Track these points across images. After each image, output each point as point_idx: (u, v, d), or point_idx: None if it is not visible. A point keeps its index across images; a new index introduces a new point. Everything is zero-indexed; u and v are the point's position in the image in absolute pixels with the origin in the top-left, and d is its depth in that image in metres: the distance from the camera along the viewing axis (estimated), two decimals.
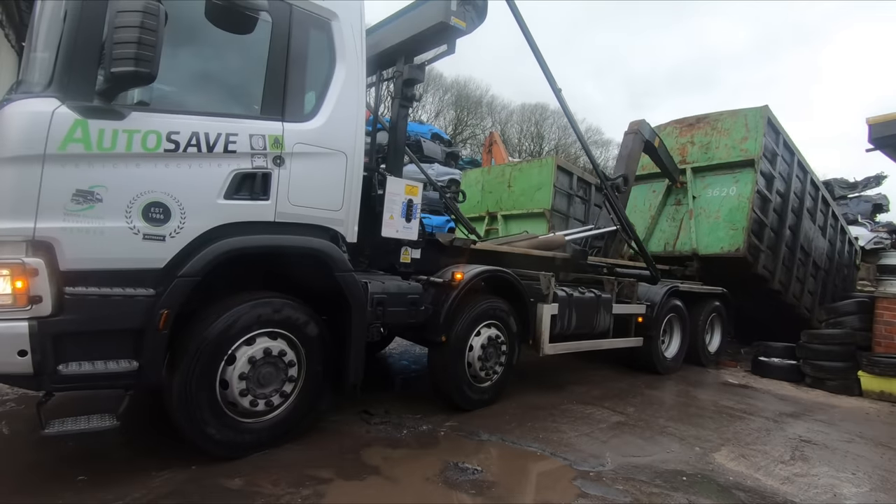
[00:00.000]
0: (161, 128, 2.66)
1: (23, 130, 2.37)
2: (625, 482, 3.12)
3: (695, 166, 7.58)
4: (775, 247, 7.52)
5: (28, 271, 2.33)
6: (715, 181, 7.43)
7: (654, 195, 8.01)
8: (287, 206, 3.08)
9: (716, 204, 7.33)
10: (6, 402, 3.74)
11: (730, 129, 7.32)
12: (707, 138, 7.54)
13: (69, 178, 2.43)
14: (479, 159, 18.42)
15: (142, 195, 2.60)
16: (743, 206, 7.01)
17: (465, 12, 4.08)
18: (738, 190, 7.11)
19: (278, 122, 3.08)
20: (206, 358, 2.81)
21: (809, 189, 8.22)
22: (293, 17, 3.17)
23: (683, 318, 6.70)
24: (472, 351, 4.17)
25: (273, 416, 3.11)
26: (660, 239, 7.87)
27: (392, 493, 2.81)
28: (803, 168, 8.12)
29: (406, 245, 4.15)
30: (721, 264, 7.22)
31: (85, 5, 2.49)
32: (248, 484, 2.70)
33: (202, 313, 2.89)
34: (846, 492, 3.33)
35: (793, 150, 7.82)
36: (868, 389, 6.18)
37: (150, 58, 2.34)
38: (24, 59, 2.88)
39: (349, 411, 3.91)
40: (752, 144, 7.05)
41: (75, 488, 2.54)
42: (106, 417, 2.58)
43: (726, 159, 7.26)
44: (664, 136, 7.79)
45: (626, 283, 5.95)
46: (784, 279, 7.71)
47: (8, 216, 2.35)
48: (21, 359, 2.31)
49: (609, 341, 5.60)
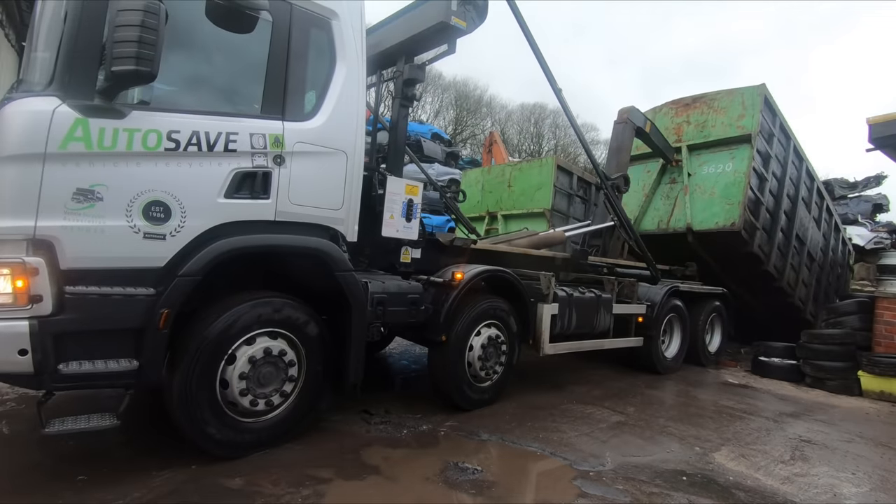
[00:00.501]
0: (162, 127, 2.66)
1: (24, 129, 2.37)
2: (625, 482, 3.12)
3: (690, 144, 7.47)
4: (771, 229, 7.42)
5: (29, 270, 2.32)
6: (711, 158, 7.31)
7: (649, 175, 7.89)
8: (288, 205, 3.08)
9: (711, 180, 7.19)
10: (6, 401, 3.73)
11: (726, 108, 7.21)
12: (703, 117, 7.42)
13: (70, 176, 2.43)
14: (479, 159, 18.40)
15: (142, 194, 2.60)
16: (739, 181, 6.87)
17: (465, 12, 4.08)
18: (735, 166, 6.98)
19: (279, 121, 3.08)
20: (207, 357, 2.81)
21: (805, 178, 8.14)
22: (293, 17, 3.17)
23: (684, 317, 6.71)
24: (473, 351, 4.17)
25: (273, 416, 3.10)
26: (653, 217, 7.71)
27: (392, 492, 2.81)
28: (799, 155, 8.03)
29: (406, 245, 4.15)
30: (716, 240, 7.09)
31: (85, 5, 2.49)
32: (248, 484, 2.70)
33: (202, 313, 2.89)
34: (846, 492, 3.33)
35: (789, 134, 7.74)
36: (868, 389, 6.17)
37: (151, 56, 2.34)
38: (24, 58, 2.88)
39: (349, 411, 3.90)
40: (749, 122, 6.94)
41: (75, 488, 2.54)
42: (106, 416, 2.58)
43: (723, 136, 7.15)
44: (660, 118, 7.74)
45: (626, 283, 5.95)
46: (779, 264, 7.61)
47: (8, 215, 2.35)
48: (21, 358, 2.30)
49: (609, 341, 5.60)
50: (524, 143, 38.48)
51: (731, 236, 6.85)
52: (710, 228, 7.01)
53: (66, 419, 2.51)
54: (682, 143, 7.53)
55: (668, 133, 7.54)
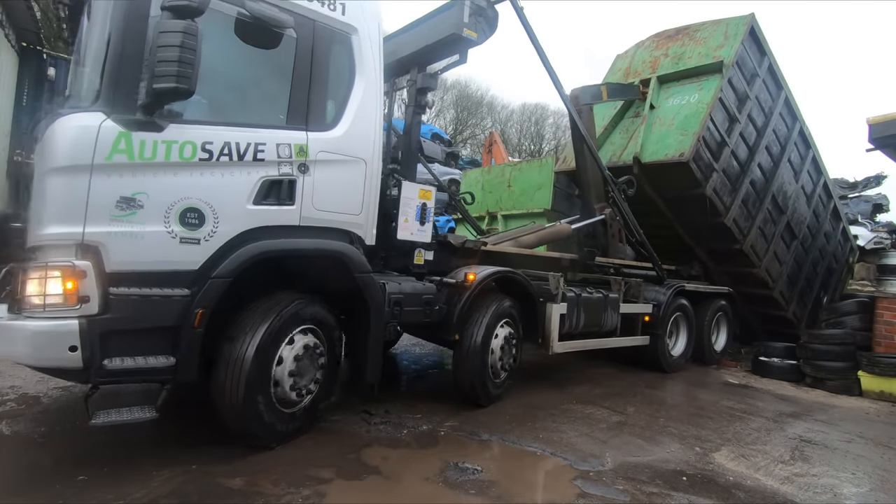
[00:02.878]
0: (196, 138, 2.85)
1: (73, 142, 2.57)
2: (625, 482, 3.12)
3: (661, 75, 6.89)
4: (737, 178, 6.74)
5: (77, 273, 2.51)
6: (679, 91, 6.68)
7: (614, 109, 7.34)
8: (311, 210, 3.26)
9: (673, 112, 6.54)
10: (6, 401, 3.68)
11: (707, 38, 6.60)
12: (682, 49, 6.84)
13: (114, 186, 2.62)
14: (479, 159, 18.46)
15: (179, 201, 2.79)
16: (700, 111, 6.18)
17: (476, 24, 4.25)
18: (700, 97, 6.34)
19: (303, 131, 3.26)
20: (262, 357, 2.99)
21: (797, 140, 7.41)
22: (316, 33, 3.35)
23: (690, 317, 6.82)
24: (494, 349, 4.33)
25: (303, 405, 3.30)
26: (607, 151, 7.03)
27: (392, 493, 2.82)
28: (791, 110, 7.32)
29: (420, 247, 4.32)
30: (665, 176, 6.38)
31: (128, 27, 2.68)
32: (248, 484, 2.70)
33: (244, 317, 3.07)
34: (846, 492, 3.34)
35: (780, 81, 7.02)
36: (868, 389, 6.21)
37: (190, 74, 2.52)
38: (70, 75, 3.09)
39: (349, 411, 3.90)
40: (727, 52, 6.29)
41: (75, 488, 2.53)
42: (146, 409, 2.74)
43: (695, 65, 6.53)
44: (640, 52, 7.34)
45: (632, 283, 6.08)
46: (742, 221, 6.87)
47: (59, 222, 2.55)
48: (72, 354, 2.49)
49: (616, 340, 5.76)
50: (524, 143, 38.46)
51: (680, 172, 6.09)
52: (659, 160, 6.32)
53: (110, 411, 2.69)
54: (653, 74, 6.99)
55: (644, 66, 7.08)
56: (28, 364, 2.68)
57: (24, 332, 2.50)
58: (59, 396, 3.74)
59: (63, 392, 3.82)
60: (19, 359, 2.61)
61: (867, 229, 9.91)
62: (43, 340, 2.48)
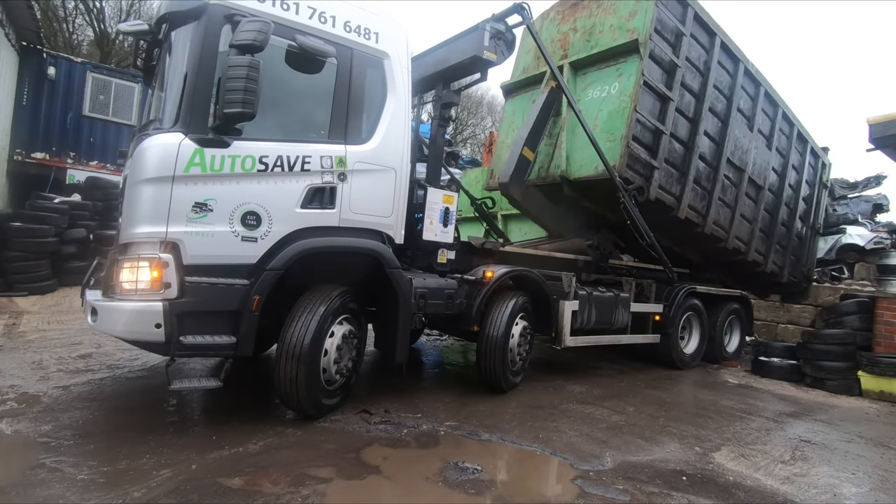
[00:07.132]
0: (255, 152, 3.38)
1: (158, 158, 3.14)
2: (625, 482, 3.12)
3: (573, 60, 5.77)
4: (682, 162, 5.91)
5: (162, 264, 3.07)
6: (598, 78, 5.62)
7: (535, 106, 5.94)
8: (349, 213, 3.77)
9: (595, 108, 5.55)
10: (6, 401, 3.68)
11: (616, 4, 5.54)
12: (591, 20, 5.77)
13: (190, 193, 3.17)
14: (479, 159, 18.65)
15: (241, 206, 3.32)
16: (624, 107, 5.28)
17: (496, 46, 4.71)
18: (621, 86, 5.37)
19: (342, 144, 3.77)
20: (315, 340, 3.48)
21: (743, 82, 6.41)
22: (354, 59, 3.86)
23: (702, 317, 7.09)
24: (512, 340, 4.76)
25: (341, 383, 3.81)
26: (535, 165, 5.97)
27: (392, 492, 2.84)
28: (730, 54, 6.26)
29: (443, 247, 4.77)
30: (598, 188, 5.51)
31: (202, 62, 3.24)
32: (248, 484, 2.71)
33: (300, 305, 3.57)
34: (846, 492, 3.33)
35: (711, 28, 5.96)
36: (868, 389, 6.24)
37: (253, 101, 3.06)
38: (154, 102, 3.70)
39: (349, 411, 3.94)
40: (640, 20, 5.26)
41: (76, 488, 2.54)
42: (212, 379, 3.30)
43: (609, 45, 5.47)
44: (546, 27, 6.20)
45: (644, 284, 6.41)
46: (698, 204, 6.16)
47: (148, 223, 3.11)
48: (157, 330, 3.04)
49: (627, 337, 6.10)
50: None
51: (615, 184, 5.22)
52: (588, 175, 5.48)
53: (184, 379, 3.28)
54: (565, 59, 5.86)
55: (554, 47, 5.96)
56: (122, 337, 3.26)
57: (123, 310, 3.08)
58: (59, 396, 3.84)
59: (63, 392, 3.94)
60: (117, 332, 3.18)
61: (867, 229, 9.89)
62: (137, 318, 3.05)
